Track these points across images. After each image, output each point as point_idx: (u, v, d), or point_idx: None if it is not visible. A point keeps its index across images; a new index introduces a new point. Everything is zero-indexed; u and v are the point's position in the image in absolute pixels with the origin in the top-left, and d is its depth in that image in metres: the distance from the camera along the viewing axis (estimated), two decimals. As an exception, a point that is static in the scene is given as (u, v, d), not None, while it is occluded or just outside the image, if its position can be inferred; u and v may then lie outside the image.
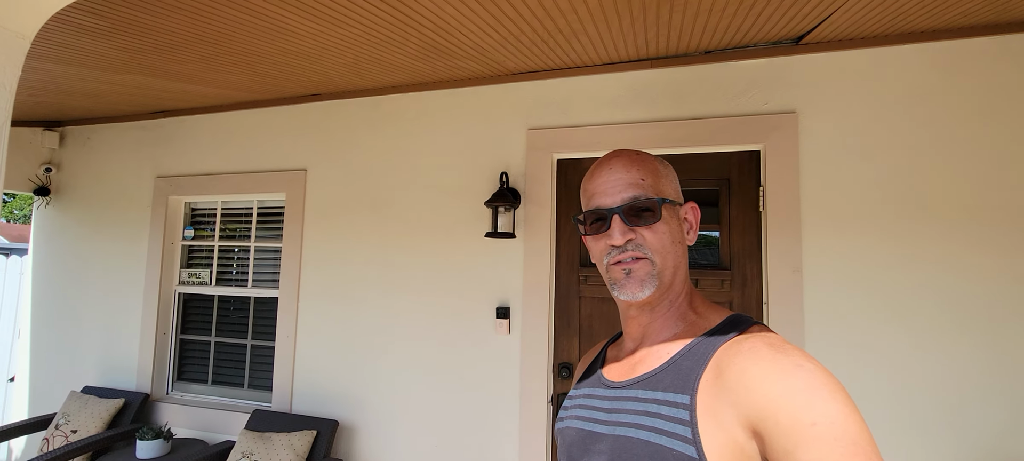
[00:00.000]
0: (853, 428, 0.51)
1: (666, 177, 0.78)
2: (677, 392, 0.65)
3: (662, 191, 0.76)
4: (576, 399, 0.83)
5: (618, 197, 0.74)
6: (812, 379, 0.55)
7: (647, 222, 0.73)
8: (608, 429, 0.72)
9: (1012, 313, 1.75)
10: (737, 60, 2.09)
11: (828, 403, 0.53)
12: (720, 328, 0.70)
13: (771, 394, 0.55)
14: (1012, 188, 1.78)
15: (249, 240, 2.91)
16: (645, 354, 0.76)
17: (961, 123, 1.84)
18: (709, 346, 0.67)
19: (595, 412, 0.76)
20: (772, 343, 0.61)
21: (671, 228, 0.75)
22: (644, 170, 0.76)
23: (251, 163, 2.84)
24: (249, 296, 2.87)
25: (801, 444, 0.51)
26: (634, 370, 0.75)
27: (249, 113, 2.87)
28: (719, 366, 0.63)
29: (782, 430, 0.53)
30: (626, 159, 0.77)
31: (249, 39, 1.86)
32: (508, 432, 2.26)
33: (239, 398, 2.82)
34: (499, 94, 2.41)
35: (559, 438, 0.83)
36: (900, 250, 1.87)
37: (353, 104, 2.67)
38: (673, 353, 0.71)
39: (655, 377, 0.70)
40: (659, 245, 0.73)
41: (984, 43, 1.83)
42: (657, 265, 0.74)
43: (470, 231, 2.40)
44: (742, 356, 0.61)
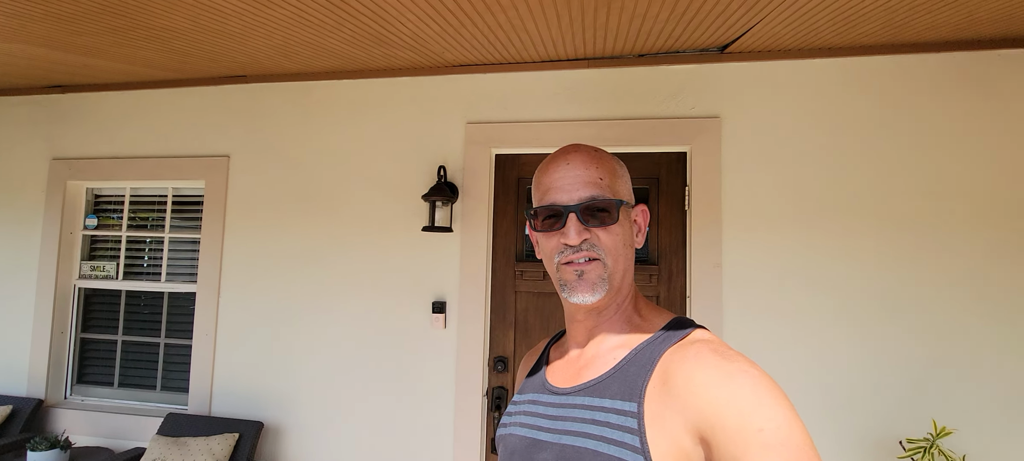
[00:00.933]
0: (797, 434, 0.52)
1: (622, 178, 0.76)
2: (624, 399, 0.65)
3: (619, 192, 0.74)
4: (520, 405, 0.81)
5: (575, 195, 0.71)
6: (757, 385, 0.56)
7: (603, 223, 0.71)
8: (554, 437, 0.70)
9: (901, 304, 1.96)
10: (668, 64, 2.18)
11: (773, 409, 0.54)
12: (664, 333, 0.69)
13: (718, 400, 0.56)
14: (901, 194, 1.99)
15: (163, 231, 2.69)
16: (591, 359, 0.74)
17: (861, 133, 2.03)
18: (654, 351, 0.67)
19: (540, 419, 0.74)
20: (716, 349, 0.61)
21: (624, 230, 0.73)
22: (603, 169, 0.73)
23: (166, 147, 2.63)
24: (162, 291, 2.66)
25: (749, 450, 0.52)
26: (579, 375, 0.74)
27: (164, 92, 2.65)
28: (665, 372, 0.63)
29: (729, 436, 0.54)
30: (585, 156, 0.74)
31: (165, 13, 1.71)
32: (443, 426, 2.25)
33: (151, 401, 2.61)
34: (438, 86, 2.38)
35: (501, 445, 0.80)
36: (807, 247, 2.03)
37: (282, 88, 2.53)
38: (619, 359, 0.70)
39: (601, 384, 0.69)
40: (612, 247, 0.72)
41: (882, 61, 2.02)
42: (609, 267, 0.72)
43: (406, 225, 2.35)
44: (688, 362, 0.61)
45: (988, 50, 1.94)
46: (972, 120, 1.96)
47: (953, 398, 1.91)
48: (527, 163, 2.37)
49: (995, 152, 1.94)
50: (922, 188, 1.98)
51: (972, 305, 1.91)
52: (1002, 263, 1.91)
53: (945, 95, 1.98)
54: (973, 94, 1.96)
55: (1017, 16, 1.65)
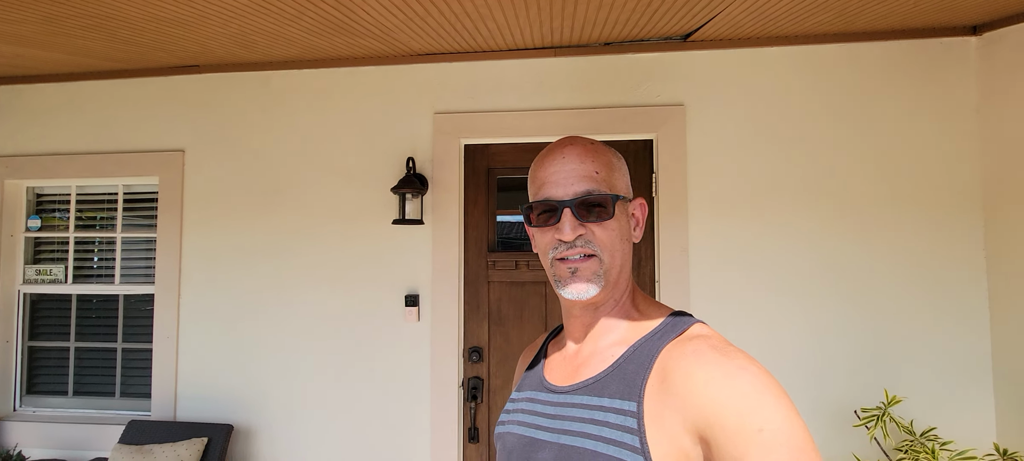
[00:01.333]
0: (798, 433, 0.52)
1: (619, 171, 0.74)
2: (623, 399, 0.64)
3: (615, 186, 0.72)
4: (518, 403, 0.80)
5: (570, 189, 0.69)
6: (757, 383, 0.55)
7: (599, 218, 0.69)
8: (552, 437, 0.69)
9: (854, 281, 2.06)
10: (633, 53, 2.20)
11: (774, 409, 0.53)
12: (661, 328, 0.68)
13: (717, 399, 0.55)
14: (853, 177, 2.08)
15: (115, 230, 2.55)
16: (589, 356, 0.73)
17: (815, 120, 2.11)
18: (652, 348, 0.66)
19: (538, 418, 0.74)
20: (715, 345, 0.61)
21: (621, 225, 0.72)
22: (599, 162, 0.71)
23: (114, 142, 2.48)
24: (117, 293, 2.54)
25: (749, 451, 0.51)
26: (578, 373, 0.73)
27: (111, 83, 2.49)
28: (664, 370, 0.62)
29: (728, 436, 0.53)
30: (581, 149, 0.72)
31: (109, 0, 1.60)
32: (420, 420, 2.25)
33: (110, 409, 2.50)
34: (404, 76, 2.33)
35: (499, 443, 0.80)
36: (767, 229, 2.11)
37: (240, 79, 2.43)
38: (618, 356, 0.69)
39: (600, 382, 0.68)
40: (609, 243, 0.70)
41: (835, 49, 2.10)
42: (605, 263, 0.70)
43: (375, 218, 2.31)
44: (686, 359, 0.60)
45: (931, 38, 2.05)
46: (915, 106, 2.07)
47: (901, 368, 2.03)
48: (497, 153, 2.36)
49: (936, 136, 2.05)
50: (871, 171, 2.08)
51: (917, 281, 2.04)
52: (942, 241, 2.03)
53: (892, 82, 2.08)
54: (917, 81, 2.07)
55: (960, 4, 1.74)
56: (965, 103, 2.04)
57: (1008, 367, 1.95)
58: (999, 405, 1.98)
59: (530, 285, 2.31)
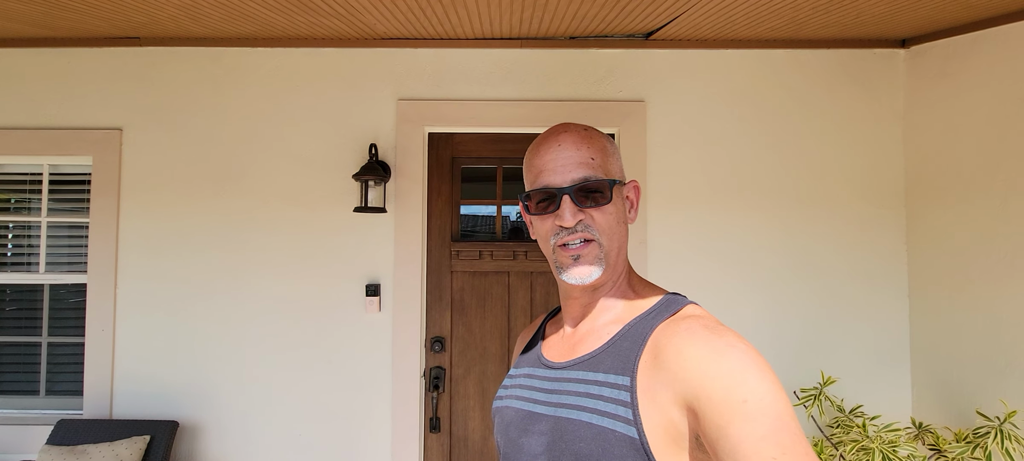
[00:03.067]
0: (780, 405, 0.55)
1: (613, 155, 0.76)
2: (617, 373, 0.66)
3: (610, 171, 0.74)
4: (516, 379, 0.83)
5: (568, 176, 0.71)
6: (744, 358, 0.58)
7: (597, 203, 0.71)
8: (549, 410, 0.72)
9: (796, 271, 2.22)
10: (597, 48, 2.26)
11: (758, 382, 0.56)
12: (656, 308, 0.71)
13: (706, 373, 0.58)
14: (796, 174, 2.24)
15: (39, 215, 2.34)
16: (585, 334, 0.76)
17: (764, 119, 2.25)
18: (646, 326, 0.68)
19: (535, 393, 0.76)
20: (706, 324, 0.63)
21: (618, 209, 0.74)
22: (594, 148, 0.73)
23: (39, 117, 2.27)
24: (41, 283, 2.32)
25: (733, 419, 0.54)
26: (574, 350, 0.75)
27: (39, 52, 2.27)
28: (656, 346, 0.65)
29: (714, 406, 0.56)
30: (576, 136, 0.74)
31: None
32: (380, 411, 2.22)
33: (34, 408, 2.29)
34: (367, 59, 2.27)
35: (497, 417, 0.82)
36: (719, 221, 2.23)
37: (187, 54, 2.28)
38: (613, 334, 0.71)
39: (595, 358, 0.70)
40: (607, 226, 0.72)
41: (784, 54, 2.25)
42: (605, 247, 0.72)
43: (336, 205, 2.25)
44: (678, 336, 0.63)
45: (867, 49, 2.23)
46: (852, 110, 2.25)
47: (836, 351, 2.21)
48: (461, 142, 2.35)
49: (866, 139, 2.24)
50: (812, 170, 2.24)
51: (852, 269, 2.22)
52: (871, 234, 2.23)
53: (832, 87, 2.25)
54: (854, 87, 2.25)
55: (894, 18, 1.91)
56: (893, 109, 2.24)
57: (924, 349, 2.17)
58: (915, 383, 2.20)
59: (493, 275, 2.32)
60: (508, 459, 0.76)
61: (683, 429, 0.60)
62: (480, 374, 2.31)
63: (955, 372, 2.03)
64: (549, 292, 2.32)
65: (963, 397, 2.00)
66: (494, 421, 0.84)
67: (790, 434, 0.53)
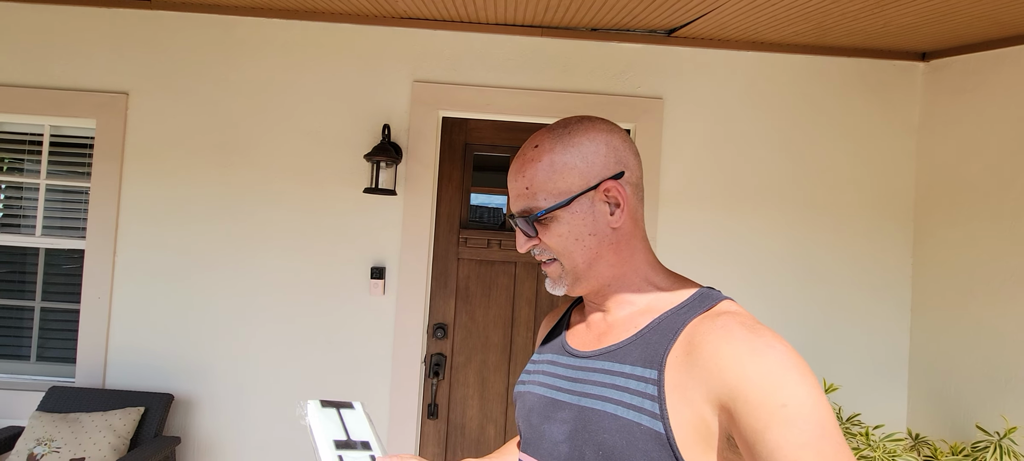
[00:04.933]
0: (821, 412, 0.53)
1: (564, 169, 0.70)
2: (645, 366, 0.65)
3: (556, 190, 0.70)
4: (539, 364, 0.81)
5: (515, 206, 0.73)
6: (784, 360, 0.56)
7: (545, 227, 0.71)
8: (572, 398, 0.71)
9: (803, 276, 2.22)
10: (618, 42, 2.24)
11: (798, 386, 0.54)
12: (689, 302, 0.69)
13: (743, 374, 0.56)
14: (807, 180, 2.24)
15: (37, 177, 2.27)
16: (612, 324, 0.74)
17: (780, 123, 2.25)
18: (678, 321, 0.66)
19: (558, 380, 0.75)
20: (744, 322, 0.61)
21: (573, 226, 0.70)
22: (529, 174, 0.71)
23: (42, 76, 2.20)
24: (37, 247, 2.27)
25: (771, 424, 0.52)
26: (600, 341, 0.74)
27: (41, 8, 2.20)
28: (690, 342, 0.63)
29: (752, 409, 0.54)
30: (516, 164, 0.73)
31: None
32: (379, 394, 2.19)
33: (24, 374, 2.24)
34: (385, 38, 2.23)
35: (518, 401, 0.81)
36: (729, 222, 2.23)
37: (198, 20, 2.22)
38: (641, 326, 0.69)
39: (622, 349, 0.69)
40: (561, 247, 0.71)
41: (804, 60, 2.24)
42: (566, 266, 0.72)
43: (345, 185, 2.21)
44: (714, 334, 0.61)
45: (887, 60, 2.23)
46: (868, 121, 2.25)
47: (837, 359, 2.22)
48: (475, 128, 2.32)
49: (880, 150, 2.24)
50: (823, 177, 2.24)
51: (857, 279, 2.23)
52: (877, 244, 2.23)
53: (849, 96, 2.24)
54: (871, 98, 2.25)
55: (920, 30, 1.91)
56: (908, 122, 2.24)
57: (922, 362, 2.18)
58: (912, 395, 2.22)
59: (500, 265, 2.30)
60: (529, 444, 0.75)
61: (714, 428, 0.59)
62: (481, 363, 2.29)
63: (953, 386, 2.05)
64: (556, 285, 2.31)
65: (961, 411, 2.02)
66: (516, 404, 0.83)
67: (832, 444, 0.52)
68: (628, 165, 0.73)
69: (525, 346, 2.29)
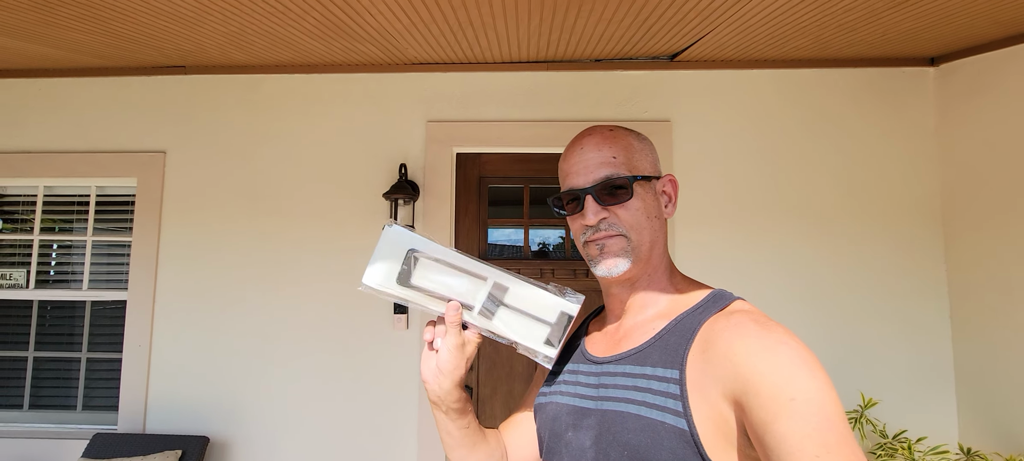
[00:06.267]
0: (829, 405, 0.54)
1: (641, 151, 0.77)
2: (666, 367, 0.66)
3: (636, 167, 0.75)
4: (560, 375, 0.82)
5: (590, 177, 0.74)
6: (794, 355, 0.57)
7: (621, 200, 0.73)
8: (595, 404, 0.72)
9: (825, 291, 2.18)
10: (622, 70, 2.31)
11: (808, 380, 0.55)
12: (704, 303, 0.71)
13: (755, 368, 0.58)
14: (823, 193, 2.22)
15: (84, 234, 2.44)
16: (630, 330, 0.76)
17: (790, 138, 2.25)
18: (694, 320, 0.68)
19: (581, 388, 0.76)
20: (757, 319, 0.63)
21: (646, 204, 0.74)
22: (616, 147, 0.75)
23: (89, 141, 2.39)
24: (84, 300, 2.41)
25: (780, 416, 0.54)
26: (619, 345, 0.75)
27: (90, 81, 2.41)
28: (706, 340, 0.65)
29: (762, 402, 0.55)
30: (598, 137, 0.76)
31: (108, -10, 1.58)
32: (407, 429, 2.21)
33: (70, 423, 2.34)
34: (398, 83, 2.36)
35: (540, 413, 0.81)
36: (744, 241, 2.22)
37: (226, 81, 2.40)
38: (659, 328, 0.71)
39: (643, 352, 0.70)
40: (633, 222, 0.73)
41: (809, 73, 2.26)
42: (632, 241, 0.73)
43: (365, 224, 2.30)
44: (729, 331, 0.63)
45: (895, 67, 2.23)
46: (880, 128, 2.23)
47: (872, 373, 2.14)
48: (488, 162, 2.40)
49: (898, 157, 2.22)
50: (841, 188, 2.22)
51: (884, 290, 2.17)
52: (905, 255, 2.18)
53: (859, 105, 2.24)
54: (882, 106, 2.24)
55: (921, 36, 1.92)
56: (924, 127, 2.22)
57: (969, 372, 2.09)
58: (961, 407, 2.11)
59: (520, 293, 2.33)
60: (553, 453, 0.75)
61: (732, 424, 0.60)
62: (507, 394, 2.29)
63: (1003, 394, 1.95)
64: (576, 311, 2.31)
65: (1013, 421, 1.91)
66: (535, 417, 0.83)
67: (836, 434, 0.53)
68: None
69: (548, 374, 2.29)
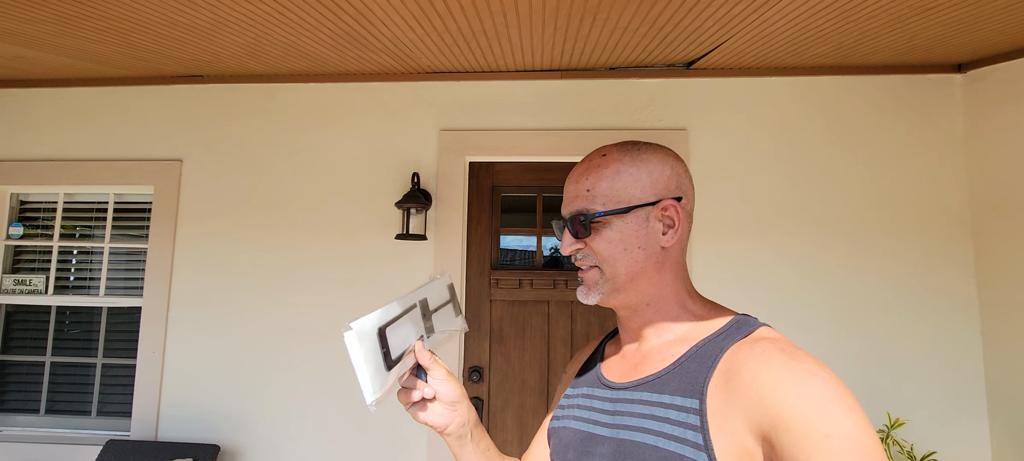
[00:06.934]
0: (867, 444, 0.50)
1: (631, 177, 0.72)
2: (685, 396, 0.63)
3: (617, 198, 0.71)
4: (574, 399, 0.80)
5: (568, 208, 0.75)
6: (827, 389, 0.54)
7: (595, 232, 0.72)
8: (610, 432, 0.69)
9: (849, 306, 2.11)
10: (637, 78, 2.27)
11: (843, 416, 0.52)
12: (726, 329, 0.67)
13: (785, 402, 0.54)
14: (846, 204, 2.15)
15: (102, 241, 2.47)
16: (647, 354, 0.73)
17: (811, 148, 2.19)
18: (716, 348, 0.65)
19: (594, 413, 0.74)
20: (784, 348, 0.59)
21: (624, 235, 0.71)
22: (594, 177, 0.72)
23: (107, 150, 2.43)
24: (100, 306, 2.43)
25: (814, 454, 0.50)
26: (636, 371, 0.73)
27: (109, 91, 2.45)
28: (729, 370, 0.61)
29: (793, 439, 0.52)
30: (581, 168, 0.75)
31: (131, 1, 1.59)
32: (417, 441, 2.18)
33: (84, 429, 2.36)
34: (411, 92, 2.35)
35: (553, 438, 0.79)
36: (764, 253, 2.16)
37: (242, 90, 2.42)
38: (678, 355, 0.68)
39: (660, 379, 0.68)
40: (607, 254, 0.71)
41: (831, 81, 2.20)
42: (606, 273, 0.72)
43: (378, 233, 2.29)
44: (753, 360, 0.60)
45: (921, 74, 2.17)
46: (906, 137, 2.16)
47: (900, 391, 2.06)
48: (501, 171, 2.38)
49: (925, 167, 2.15)
50: (865, 199, 2.15)
51: (911, 305, 2.09)
52: (934, 268, 2.10)
53: (884, 114, 2.18)
54: (908, 114, 2.17)
55: (948, 42, 1.86)
56: (952, 135, 2.15)
57: (1002, 391, 2.00)
58: (994, 429, 2.02)
59: (532, 304, 2.30)
60: None
61: (758, 457, 0.56)
62: (519, 407, 2.25)
63: (1039, 416, 1.86)
64: (589, 322, 2.27)
65: (1050, 444, 1.82)
66: (549, 442, 0.81)
67: None
68: (686, 193, 0.74)
69: (561, 387, 2.24)
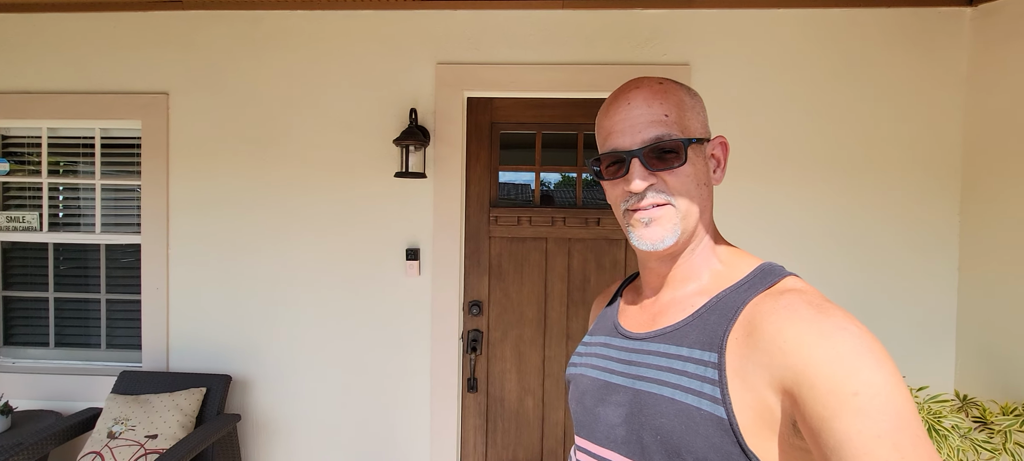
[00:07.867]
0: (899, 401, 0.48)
1: (693, 110, 0.68)
2: (703, 349, 0.61)
3: (689, 129, 0.66)
4: (591, 347, 0.78)
5: (638, 137, 0.65)
6: (856, 343, 0.51)
7: (671, 165, 0.65)
8: (627, 381, 0.68)
9: (845, 239, 2.17)
10: (641, 8, 2.18)
11: (873, 372, 0.49)
12: (749, 279, 0.64)
13: (811, 357, 0.52)
14: (847, 140, 2.16)
15: (92, 177, 2.42)
16: (667, 305, 0.70)
17: (814, 82, 2.16)
18: (737, 299, 0.62)
19: (611, 363, 0.72)
20: (811, 301, 0.56)
21: (697, 170, 0.66)
22: (669, 104, 0.66)
23: (90, 82, 2.32)
24: (98, 243, 2.43)
25: (840, 413, 0.48)
26: (654, 322, 0.70)
27: (85, 17, 2.31)
28: (751, 322, 0.59)
29: (819, 396, 0.50)
30: (647, 91, 0.66)
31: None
32: (419, 370, 2.29)
33: (97, 360, 2.43)
34: (405, 22, 2.25)
35: (571, 384, 0.78)
36: (766, 189, 2.18)
37: (225, 17, 2.29)
38: (698, 306, 0.65)
39: (679, 331, 0.65)
40: (684, 190, 0.65)
41: (837, 13, 2.14)
42: (681, 211, 0.66)
43: (376, 169, 2.27)
44: (777, 314, 0.56)
45: (928, 8, 2.11)
46: (911, 74, 2.14)
47: (886, 322, 2.17)
48: (500, 107, 2.33)
49: (927, 106, 2.14)
50: (866, 135, 2.16)
51: (902, 240, 2.16)
52: (926, 205, 2.15)
53: (890, 50, 2.14)
54: (914, 50, 2.13)
55: (963, -23, 1.79)
56: (956, 74, 2.13)
57: (971, 323, 2.12)
58: (960, 356, 2.16)
59: (531, 241, 2.34)
60: (584, 427, 0.72)
61: (777, 413, 0.55)
62: (517, 338, 2.35)
63: (1005, 346, 1.99)
64: (586, 259, 2.33)
65: (1013, 372, 1.96)
66: (568, 387, 0.80)
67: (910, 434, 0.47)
68: None
69: (559, 320, 2.33)
